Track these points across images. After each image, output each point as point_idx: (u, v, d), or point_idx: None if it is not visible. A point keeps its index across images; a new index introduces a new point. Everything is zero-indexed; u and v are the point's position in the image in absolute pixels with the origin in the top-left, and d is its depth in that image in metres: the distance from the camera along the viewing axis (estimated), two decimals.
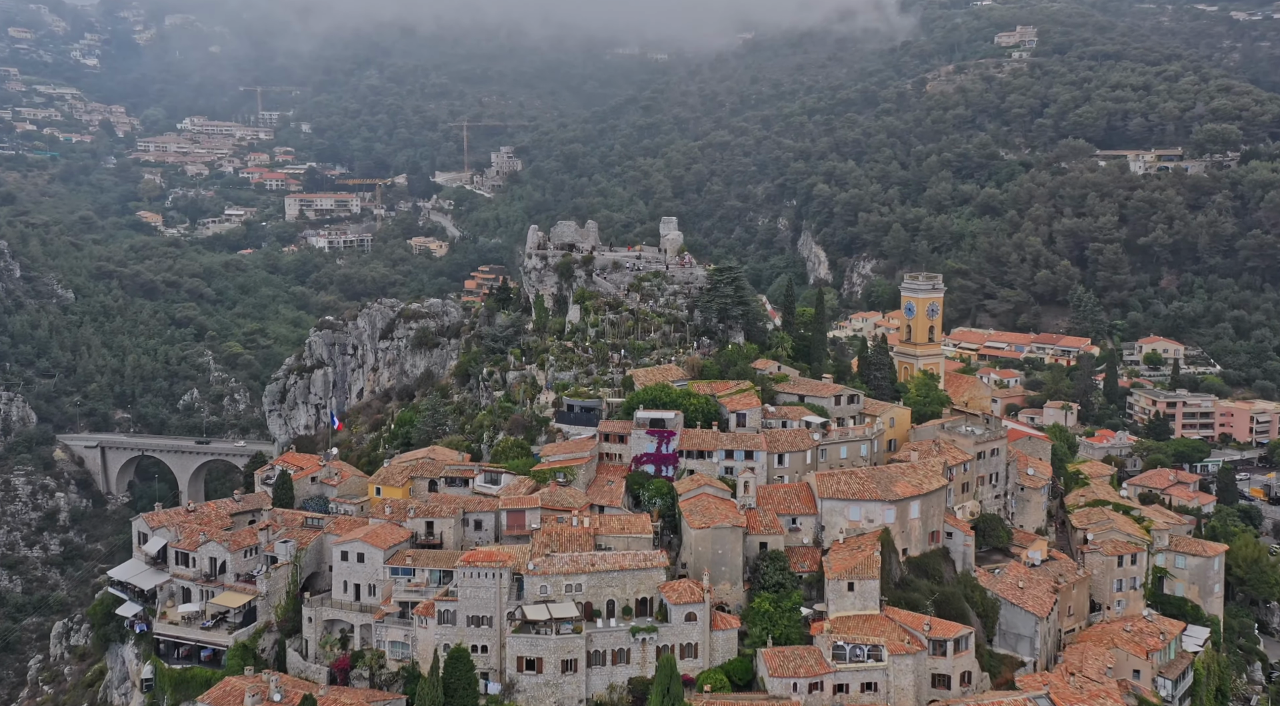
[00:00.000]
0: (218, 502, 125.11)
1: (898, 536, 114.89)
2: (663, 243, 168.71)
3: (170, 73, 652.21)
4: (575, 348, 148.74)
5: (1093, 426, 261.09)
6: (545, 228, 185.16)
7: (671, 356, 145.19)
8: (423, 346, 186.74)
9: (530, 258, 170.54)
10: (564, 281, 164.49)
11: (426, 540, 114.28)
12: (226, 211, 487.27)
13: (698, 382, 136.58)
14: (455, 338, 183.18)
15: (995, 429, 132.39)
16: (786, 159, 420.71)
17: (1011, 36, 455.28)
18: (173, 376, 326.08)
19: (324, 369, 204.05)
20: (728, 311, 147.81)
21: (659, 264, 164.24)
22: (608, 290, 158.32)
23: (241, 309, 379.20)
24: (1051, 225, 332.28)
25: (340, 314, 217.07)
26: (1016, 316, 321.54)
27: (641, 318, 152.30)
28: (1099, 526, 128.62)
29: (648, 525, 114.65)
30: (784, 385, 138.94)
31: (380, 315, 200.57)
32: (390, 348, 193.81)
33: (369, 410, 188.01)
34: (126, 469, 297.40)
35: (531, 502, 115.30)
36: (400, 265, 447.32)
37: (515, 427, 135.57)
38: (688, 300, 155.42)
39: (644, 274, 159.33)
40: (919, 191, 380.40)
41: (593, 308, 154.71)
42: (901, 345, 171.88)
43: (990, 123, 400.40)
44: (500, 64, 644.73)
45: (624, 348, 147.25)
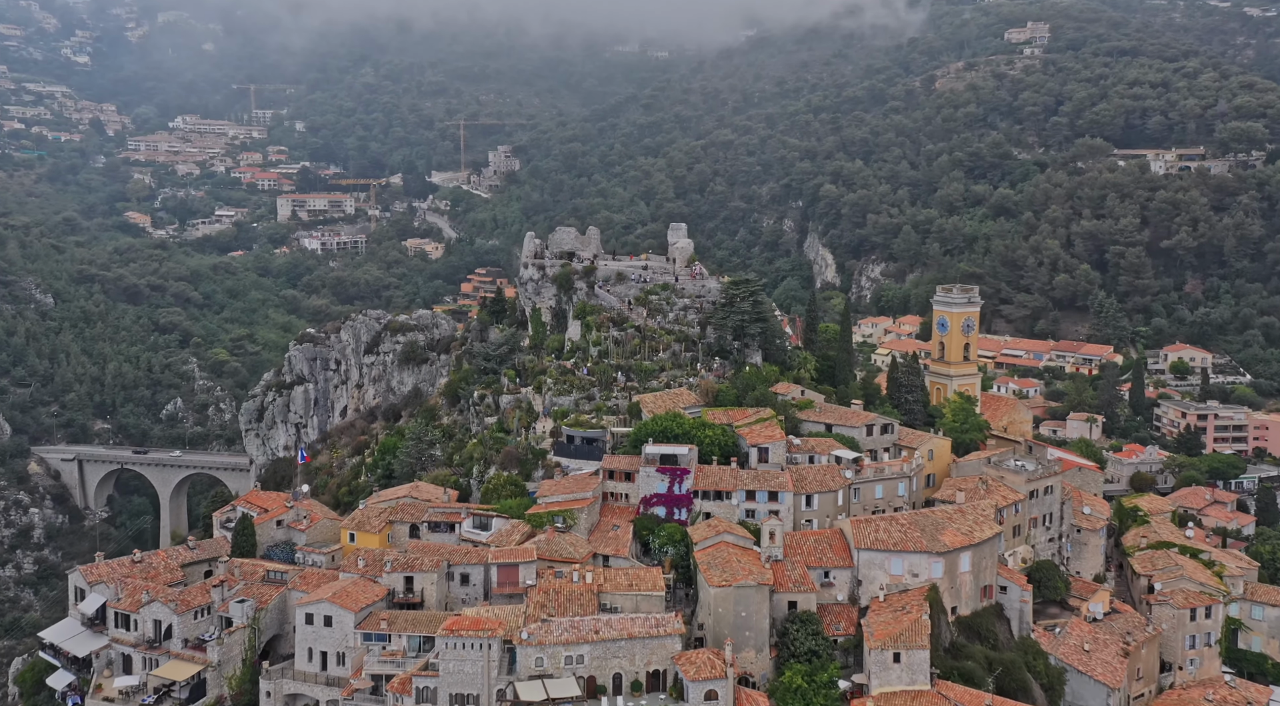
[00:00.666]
0: (169, 551, 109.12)
1: (946, 593, 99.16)
2: (671, 251, 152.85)
3: (162, 70, 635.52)
4: (576, 369, 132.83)
5: (1119, 440, 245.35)
6: (543, 234, 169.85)
7: (682, 379, 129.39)
8: (410, 362, 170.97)
9: (526, 267, 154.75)
10: (563, 294, 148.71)
11: (405, 598, 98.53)
12: (217, 212, 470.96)
13: (712, 411, 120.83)
14: (445, 353, 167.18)
15: (1048, 463, 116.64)
16: (792, 158, 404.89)
17: (1022, 33, 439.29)
18: (155, 385, 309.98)
19: (305, 385, 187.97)
20: (745, 329, 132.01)
21: (667, 274, 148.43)
22: (611, 304, 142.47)
23: (229, 314, 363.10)
24: (1070, 227, 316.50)
25: (323, 325, 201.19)
26: (1034, 322, 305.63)
27: (649, 335, 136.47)
28: (1166, 573, 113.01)
29: (659, 580, 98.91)
30: (809, 412, 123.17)
31: (365, 327, 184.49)
32: (376, 363, 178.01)
33: (352, 430, 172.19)
34: (105, 482, 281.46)
35: (526, 555, 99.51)
36: (395, 268, 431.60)
37: (508, 461, 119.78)
38: (699, 316, 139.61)
39: (651, 286, 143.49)
40: (930, 192, 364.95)
41: (595, 324, 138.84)
42: (934, 364, 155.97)
43: (1002, 121, 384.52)
44: (498, 61, 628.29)
45: (629, 369, 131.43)
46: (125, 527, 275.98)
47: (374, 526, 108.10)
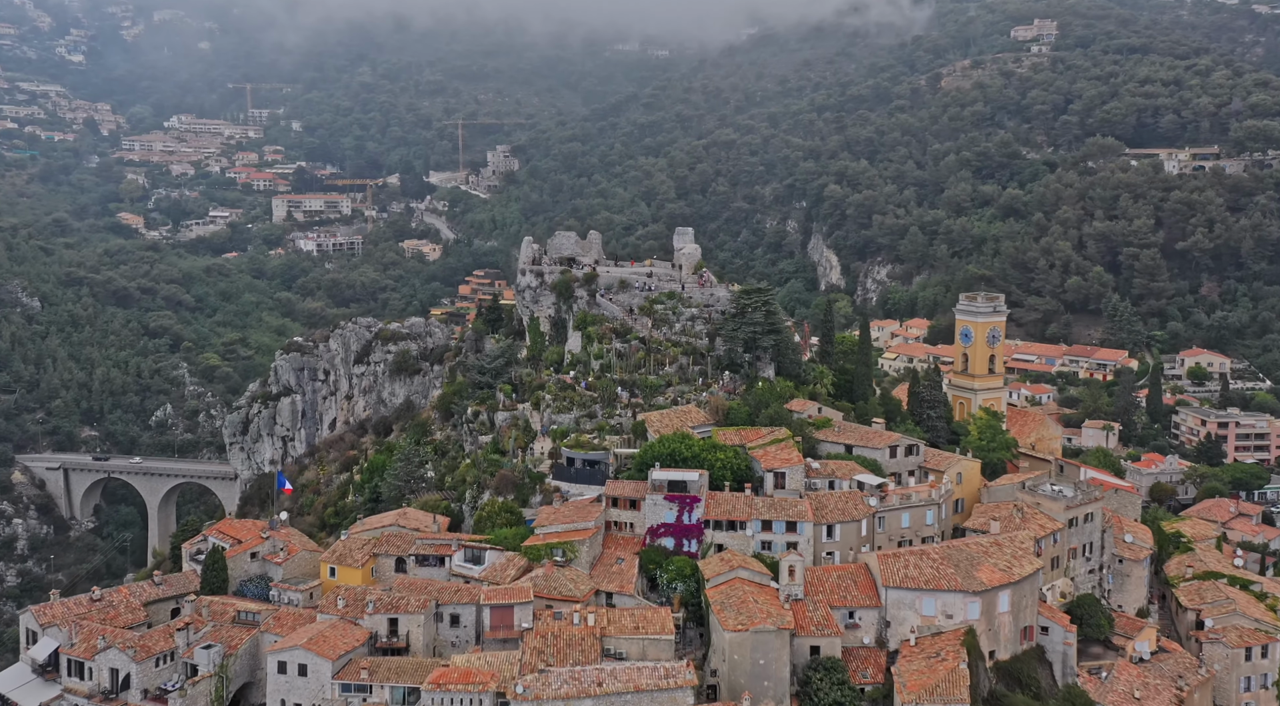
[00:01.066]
0: (132, 587, 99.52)
1: (984, 636, 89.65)
2: (676, 257, 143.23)
3: (157, 69, 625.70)
4: (575, 383, 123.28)
5: (1136, 449, 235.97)
6: (542, 235, 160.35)
7: (690, 395, 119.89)
8: (402, 372, 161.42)
9: (524, 274, 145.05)
10: (563, 302, 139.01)
11: (389, 642, 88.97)
12: (211, 213, 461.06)
13: (723, 430, 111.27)
14: (439, 363, 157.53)
15: (1087, 489, 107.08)
16: (795, 158, 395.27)
17: (1028, 30, 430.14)
18: (144, 391, 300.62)
19: (292, 397, 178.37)
20: (757, 341, 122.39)
21: (672, 282, 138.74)
22: (613, 314, 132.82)
23: (222, 317, 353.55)
24: (1081, 228, 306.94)
25: (311, 334, 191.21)
26: (1045, 326, 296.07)
27: (654, 347, 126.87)
28: (1217, 608, 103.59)
29: (668, 622, 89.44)
30: (827, 432, 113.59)
31: (355, 336, 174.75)
32: (366, 373, 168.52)
33: (341, 444, 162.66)
34: (92, 492, 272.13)
35: (521, 595, 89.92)
36: (391, 270, 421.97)
37: (503, 486, 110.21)
38: (708, 327, 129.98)
39: (656, 295, 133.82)
40: (936, 192, 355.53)
41: (596, 335, 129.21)
42: (956, 377, 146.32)
43: (1010, 120, 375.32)
44: (497, 60, 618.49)
45: (633, 384, 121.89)
46: (112, 538, 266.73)
47: (357, 560, 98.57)
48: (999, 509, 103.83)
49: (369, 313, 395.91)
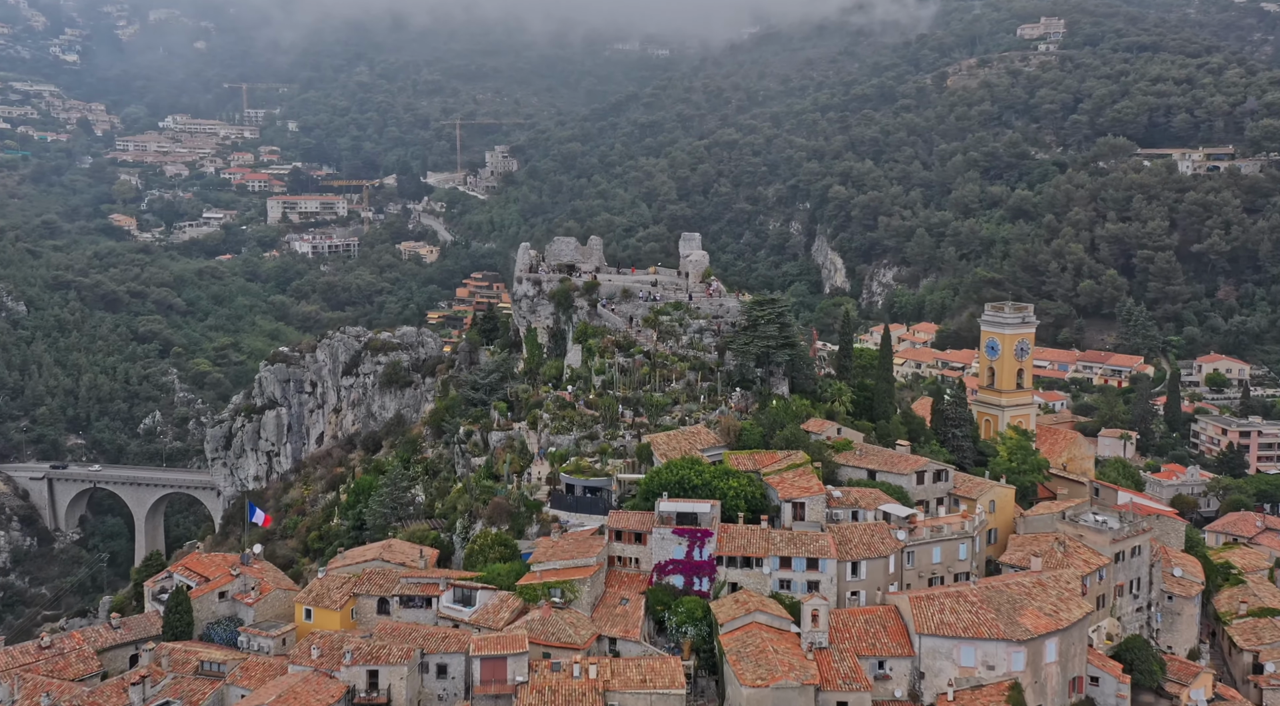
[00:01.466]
0: (86, 632, 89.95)
1: (1029, 689, 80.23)
2: (683, 264, 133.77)
3: (153, 69, 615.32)
4: (575, 401, 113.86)
5: (1155, 458, 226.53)
6: (541, 239, 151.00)
7: (699, 414, 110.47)
8: (393, 385, 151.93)
9: (520, 282, 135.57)
10: (562, 313, 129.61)
11: (368, 698, 79.46)
12: (205, 215, 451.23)
13: (736, 454, 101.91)
14: (431, 376, 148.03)
15: (1134, 520, 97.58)
16: (799, 159, 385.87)
17: (1035, 28, 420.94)
18: (133, 397, 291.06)
19: (277, 410, 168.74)
20: (771, 356, 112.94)
21: (679, 291, 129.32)
22: (616, 325, 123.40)
23: (214, 321, 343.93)
24: (1093, 230, 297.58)
25: (297, 344, 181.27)
26: (1057, 331, 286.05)
27: (659, 362, 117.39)
28: (1277, 650, 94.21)
29: (679, 674, 80.00)
30: (847, 456, 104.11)
31: (343, 346, 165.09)
32: (355, 385, 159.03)
33: (328, 460, 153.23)
34: (77, 502, 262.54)
35: (515, 645, 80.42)
36: (387, 272, 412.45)
37: (497, 515, 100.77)
38: (717, 339, 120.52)
39: (661, 305, 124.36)
40: (943, 193, 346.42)
41: (597, 348, 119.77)
42: (982, 392, 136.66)
43: (1018, 119, 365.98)
44: (496, 59, 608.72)
45: (638, 402, 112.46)
46: (98, 550, 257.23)
47: (335, 600, 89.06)
48: (1038, 542, 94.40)
49: (365, 316, 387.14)
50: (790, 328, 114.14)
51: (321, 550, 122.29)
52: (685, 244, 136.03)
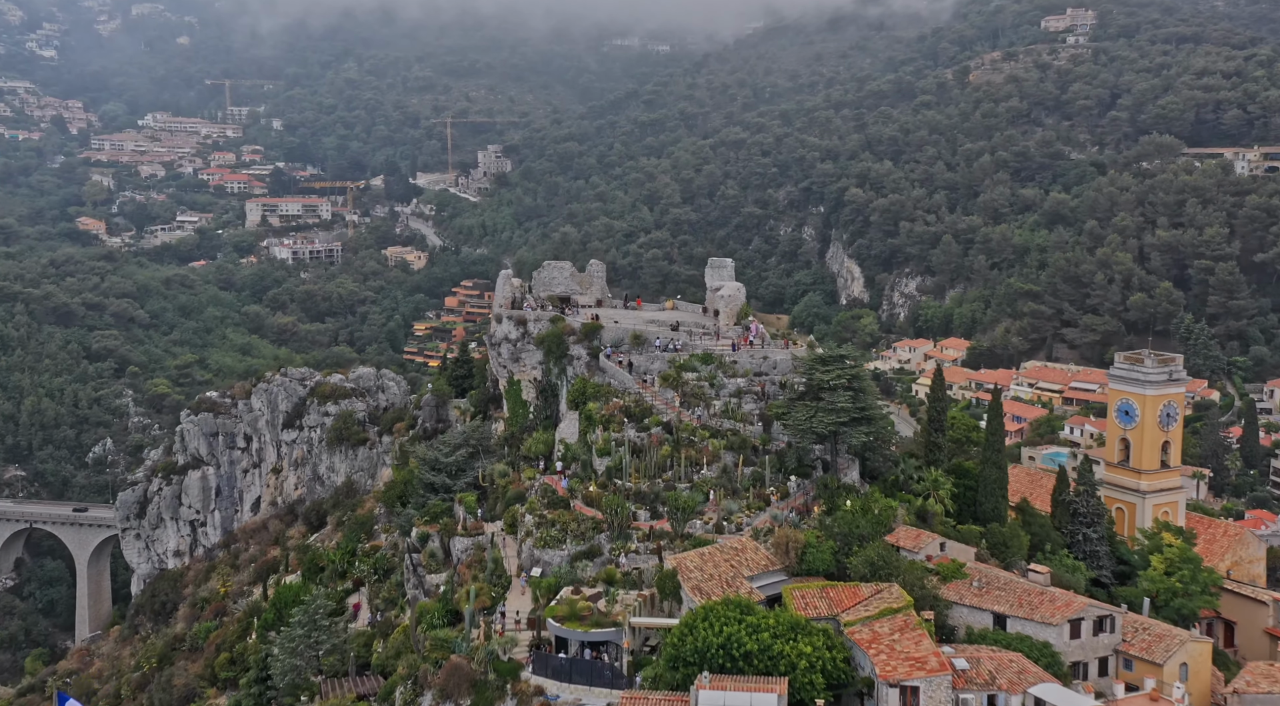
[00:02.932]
0: None
1: None
2: (711, 299, 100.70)
3: (134, 65, 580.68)
4: (572, 497, 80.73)
5: (1232, 500, 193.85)
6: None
7: (742, 517, 77.39)
8: (343, 443, 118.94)
9: (500, 321, 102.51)
10: (553, 363, 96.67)
11: None
12: (179, 218, 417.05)
13: (802, 588, 68.89)
14: (390, 432, 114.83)
15: None
16: (812, 159, 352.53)
17: (1061, 20, 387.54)
18: (81, 423, 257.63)
19: (203, 470, 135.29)
20: (844, 436, 79.74)
21: (706, 335, 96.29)
22: (625, 384, 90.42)
23: (180, 335, 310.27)
24: (1142, 238, 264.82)
25: (228, 388, 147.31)
26: (1103, 349, 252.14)
27: (685, 437, 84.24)
28: None
29: None
30: (960, 588, 71.02)
31: (284, 393, 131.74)
32: (298, 441, 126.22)
33: (264, 535, 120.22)
34: (14, 543, 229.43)
35: None
36: (372, 280, 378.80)
37: (454, 685, 67.47)
38: (761, 406, 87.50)
39: (686, 357, 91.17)
40: (970, 196, 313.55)
41: (600, 417, 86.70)
42: (1112, 471, 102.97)
43: (1049, 117, 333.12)
44: (490, 55, 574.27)
45: (657, 499, 79.37)
46: (34, 599, 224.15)
47: None
48: None
49: (345, 327, 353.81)
50: (866, 394, 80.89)
51: (233, 680, 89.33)
52: (713, 273, 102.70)
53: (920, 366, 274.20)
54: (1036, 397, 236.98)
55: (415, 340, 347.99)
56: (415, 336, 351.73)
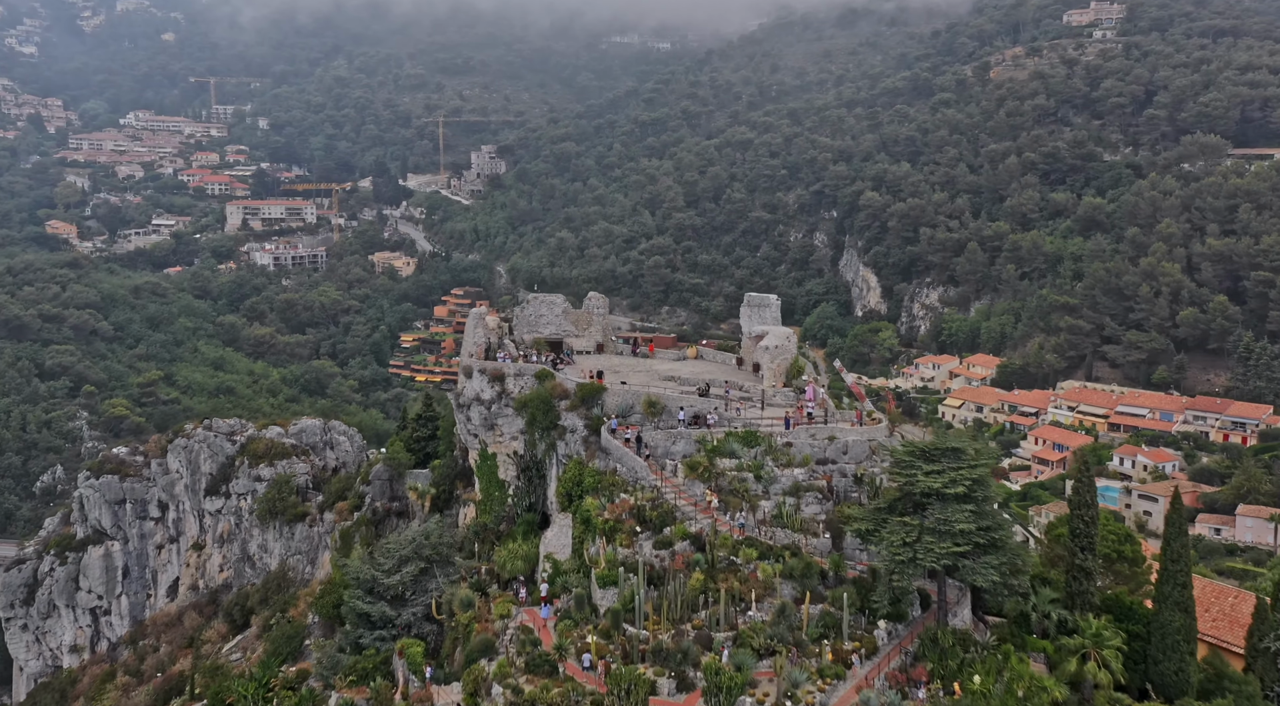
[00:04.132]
0: None
1: None
2: (749, 349, 74.13)
3: (117, 62, 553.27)
4: (561, 659, 54.35)
5: None
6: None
7: (815, 694, 51.05)
8: (276, 518, 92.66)
9: (470, 375, 76.12)
10: (539, 434, 70.26)
11: None
12: (154, 221, 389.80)
13: None
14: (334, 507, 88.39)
15: None
16: (824, 161, 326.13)
17: (1084, 14, 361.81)
18: (29, 448, 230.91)
19: (106, 545, 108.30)
20: (965, 569, 53.21)
21: (745, 397, 69.89)
22: (636, 473, 64.03)
23: (146, 349, 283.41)
24: (1190, 247, 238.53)
25: (139, 443, 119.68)
26: (1149, 368, 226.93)
27: (724, 555, 57.91)
28: None
29: None
30: None
31: (207, 450, 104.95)
32: (225, 510, 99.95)
33: (178, 630, 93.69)
34: None
35: None
36: (357, 287, 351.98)
37: None
38: (827, 507, 61.17)
39: (719, 437, 64.65)
40: (996, 201, 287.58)
41: (604, 523, 60.36)
42: None
43: (1077, 115, 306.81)
44: (484, 52, 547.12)
45: (686, 658, 53.00)
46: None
47: None
48: None
49: (328, 339, 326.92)
50: (989, 501, 54.40)
51: None
52: (752, 314, 75.93)
53: (946, 384, 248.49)
54: (1078, 422, 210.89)
55: (402, 353, 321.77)
56: (402, 348, 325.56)
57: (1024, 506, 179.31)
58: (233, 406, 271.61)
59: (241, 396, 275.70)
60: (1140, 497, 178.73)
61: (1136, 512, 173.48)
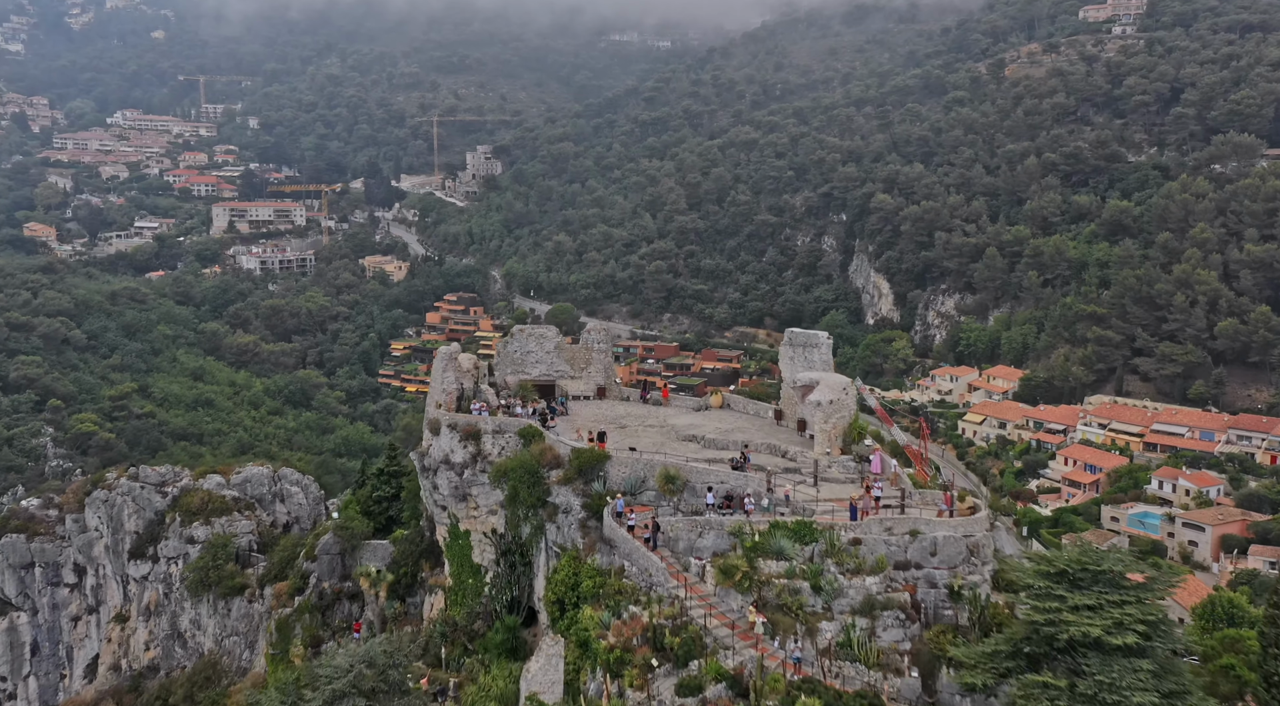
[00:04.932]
0: None
1: None
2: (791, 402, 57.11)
3: (104, 60, 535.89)
4: None
5: None
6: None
7: None
8: (210, 589, 75.83)
9: (438, 432, 59.15)
10: (523, 513, 53.24)
11: None
12: (136, 223, 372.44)
13: None
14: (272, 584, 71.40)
15: None
16: (832, 162, 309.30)
17: (1101, 10, 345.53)
18: None
19: (10, 617, 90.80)
20: None
21: (793, 469, 52.91)
22: (651, 575, 47.08)
23: (121, 358, 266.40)
24: (1227, 253, 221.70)
25: (54, 493, 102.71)
26: (1185, 383, 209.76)
27: (770, 702, 41.13)
28: None
29: None
30: None
31: (134, 504, 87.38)
32: (153, 576, 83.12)
33: None
34: None
35: None
36: (346, 293, 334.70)
37: None
38: (913, 632, 44.36)
39: (760, 529, 47.71)
40: (1014, 204, 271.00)
41: (607, 652, 43.52)
42: None
43: (1099, 114, 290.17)
44: (480, 50, 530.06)
45: None
46: None
47: None
48: None
49: (315, 347, 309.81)
50: (1172, 654, 37.51)
51: None
52: (795, 356, 58.62)
53: (964, 398, 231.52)
54: (1110, 441, 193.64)
55: (392, 362, 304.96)
56: (392, 357, 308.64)
57: (1056, 534, 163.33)
58: (211, 419, 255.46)
59: (221, 409, 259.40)
60: (1185, 526, 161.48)
61: (1180, 542, 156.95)
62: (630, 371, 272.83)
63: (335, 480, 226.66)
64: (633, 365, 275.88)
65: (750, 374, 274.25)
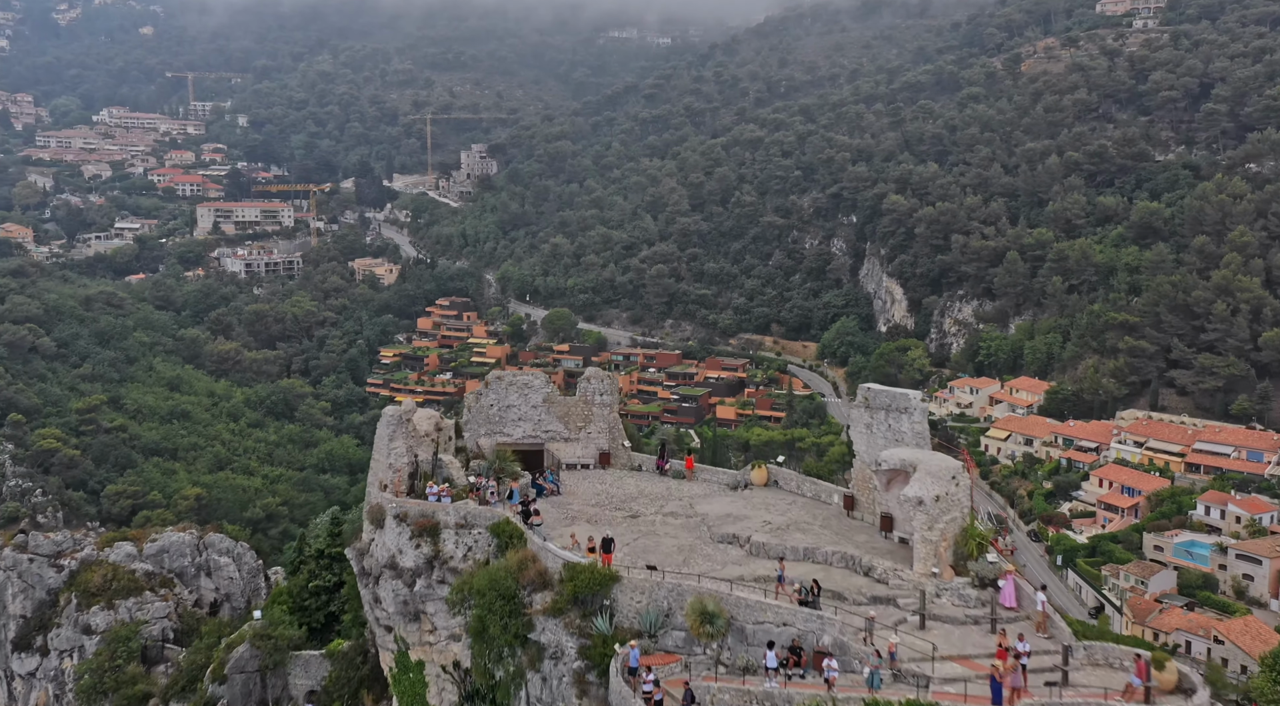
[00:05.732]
0: None
1: None
2: (864, 483, 40.47)
3: (91, 56, 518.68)
4: None
5: None
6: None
7: None
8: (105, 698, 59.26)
9: (381, 525, 42.33)
10: (490, 654, 36.44)
11: None
12: (117, 224, 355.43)
13: None
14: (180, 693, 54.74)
15: None
16: (842, 161, 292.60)
17: (1120, 3, 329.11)
18: None
19: None
20: None
21: (883, 595, 36.23)
22: None
23: (91, 368, 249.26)
24: (1269, 258, 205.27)
25: None
26: (1227, 398, 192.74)
27: None
28: None
29: None
30: None
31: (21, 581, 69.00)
32: (43, 672, 66.39)
33: None
34: None
35: None
36: (334, 297, 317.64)
37: None
38: None
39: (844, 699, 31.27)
40: (1036, 205, 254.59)
41: None
42: None
43: (1123, 111, 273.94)
44: (475, 47, 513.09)
45: None
46: None
47: None
48: None
49: (300, 354, 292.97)
50: None
51: None
52: (874, 422, 41.23)
53: (986, 411, 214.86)
54: (1148, 461, 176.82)
55: (381, 370, 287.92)
56: (382, 365, 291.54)
57: (1094, 564, 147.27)
58: (187, 432, 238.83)
59: (198, 421, 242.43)
60: (1239, 558, 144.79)
61: (1234, 576, 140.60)
62: (630, 381, 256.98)
63: (318, 498, 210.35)
64: (633, 374, 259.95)
65: (756, 384, 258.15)
